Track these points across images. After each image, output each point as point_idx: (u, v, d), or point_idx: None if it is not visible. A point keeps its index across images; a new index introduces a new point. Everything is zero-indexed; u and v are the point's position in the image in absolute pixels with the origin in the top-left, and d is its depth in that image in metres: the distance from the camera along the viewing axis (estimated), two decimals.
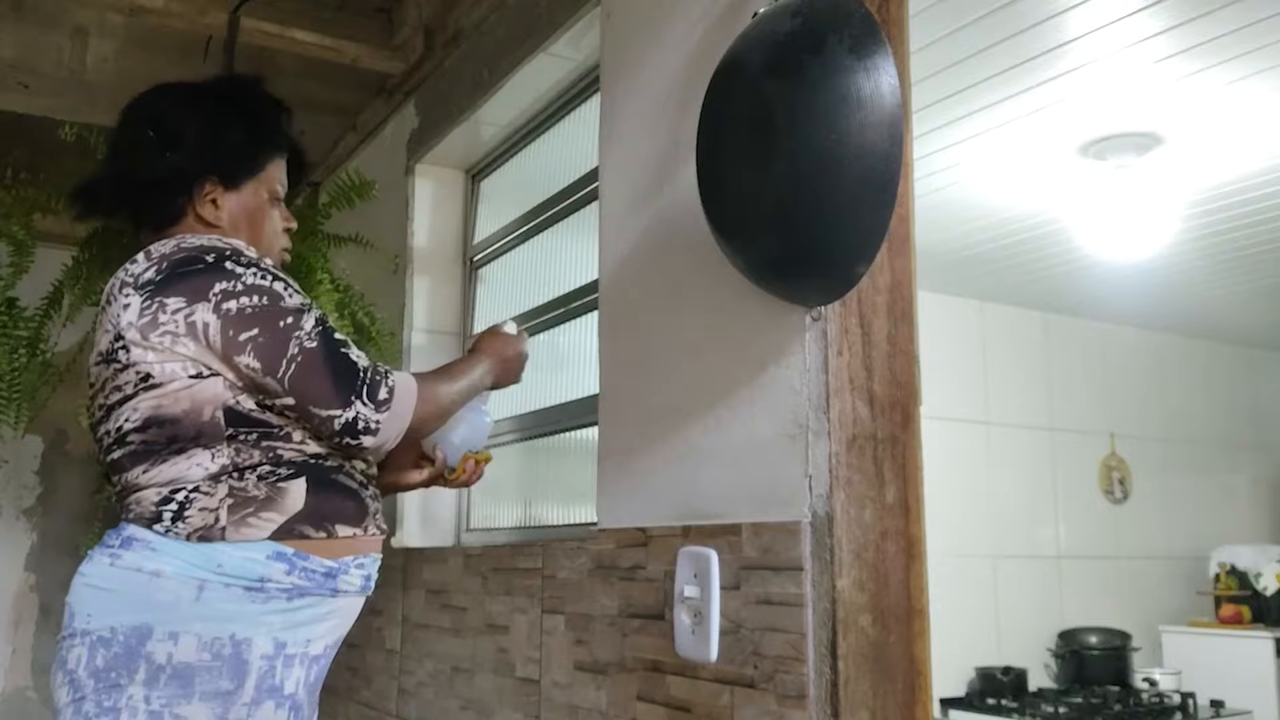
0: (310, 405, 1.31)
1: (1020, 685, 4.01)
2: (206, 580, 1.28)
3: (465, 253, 2.69)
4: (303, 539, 1.33)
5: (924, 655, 1.30)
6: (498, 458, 2.46)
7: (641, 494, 1.58)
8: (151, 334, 1.30)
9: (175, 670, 1.26)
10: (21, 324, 2.23)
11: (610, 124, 1.79)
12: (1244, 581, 4.49)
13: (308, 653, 1.35)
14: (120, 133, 1.49)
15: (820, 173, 1.15)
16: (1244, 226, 3.54)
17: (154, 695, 1.25)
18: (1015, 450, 4.42)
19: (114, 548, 1.31)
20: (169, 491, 1.31)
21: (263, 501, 1.32)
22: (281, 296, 1.33)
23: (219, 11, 2.52)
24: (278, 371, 1.30)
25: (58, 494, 3.44)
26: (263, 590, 1.30)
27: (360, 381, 1.32)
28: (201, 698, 1.26)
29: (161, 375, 1.30)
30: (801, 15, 1.20)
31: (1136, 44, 2.36)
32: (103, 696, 1.25)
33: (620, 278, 1.71)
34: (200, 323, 1.29)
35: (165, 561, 1.28)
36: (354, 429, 1.31)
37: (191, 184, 1.45)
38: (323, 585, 1.35)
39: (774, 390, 1.34)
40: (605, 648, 1.61)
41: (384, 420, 1.33)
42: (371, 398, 1.32)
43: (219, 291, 1.30)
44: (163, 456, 1.31)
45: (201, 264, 1.32)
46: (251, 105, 1.53)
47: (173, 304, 1.30)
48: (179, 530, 1.29)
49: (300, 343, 1.31)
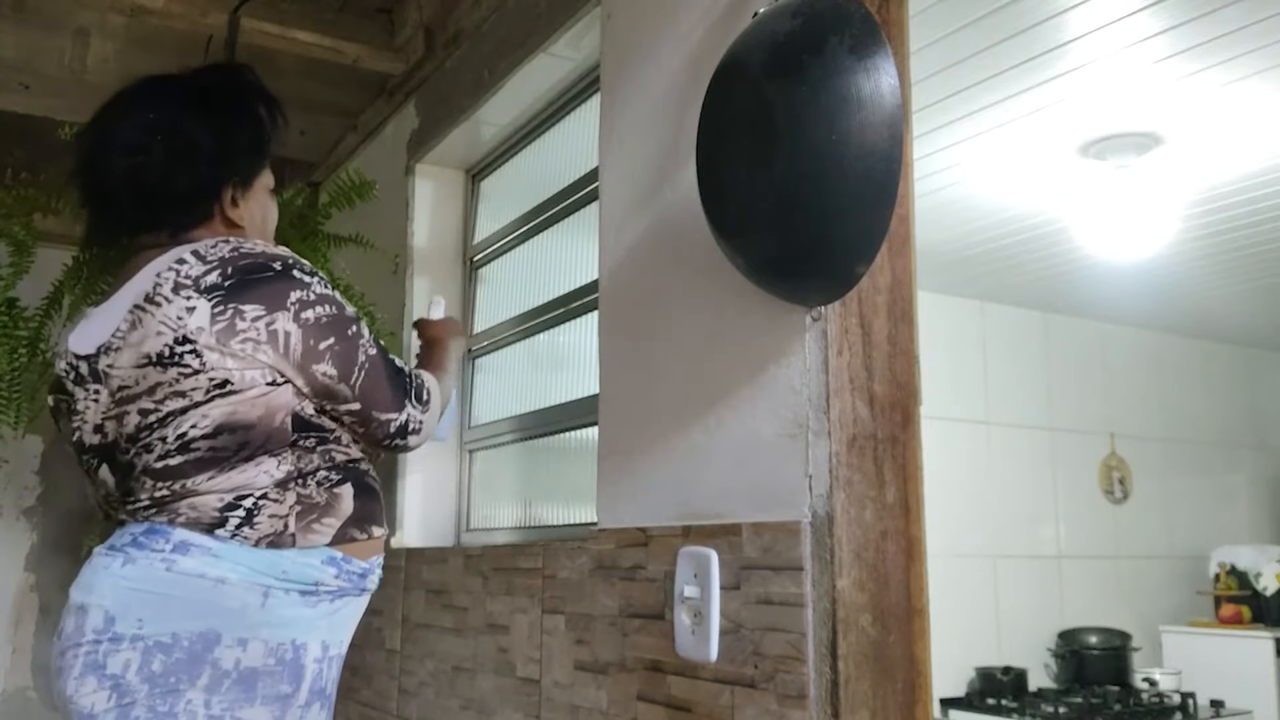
0: (374, 409, 1.39)
1: (1020, 685, 4.01)
2: (271, 587, 1.31)
3: (465, 253, 2.69)
4: (351, 542, 1.39)
5: (924, 655, 1.30)
6: (498, 458, 2.47)
7: (641, 494, 1.58)
8: (231, 340, 1.29)
9: (240, 675, 1.27)
10: (21, 324, 2.23)
11: (610, 124, 1.79)
12: (1244, 581, 4.49)
13: (341, 653, 1.41)
14: (132, 143, 1.42)
15: (820, 173, 1.15)
16: (1244, 226, 3.55)
17: (214, 700, 1.26)
18: (1015, 450, 4.42)
19: (164, 552, 1.29)
20: (234, 498, 1.31)
21: (324, 507, 1.36)
22: (344, 306, 1.40)
23: (219, 12, 2.52)
24: (351, 378, 1.36)
25: (58, 494, 3.44)
26: (315, 594, 1.35)
27: (410, 384, 1.43)
28: (263, 701, 1.29)
29: (241, 382, 1.30)
30: (802, 15, 1.20)
31: (1136, 44, 2.36)
32: (157, 702, 1.24)
33: (620, 278, 1.71)
34: (282, 331, 1.31)
35: (229, 568, 1.29)
36: (405, 430, 1.42)
37: (220, 190, 1.46)
38: (357, 585, 1.41)
39: (774, 390, 1.34)
40: (606, 648, 1.61)
41: (425, 420, 1.45)
42: (418, 399, 1.44)
43: (296, 300, 1.33)
44: (231, 464, 1.31)
45: (271, 272, 1.34)
46: (252, 101, 1.53)
47: (251, 311, 1.30)
48: (246, 536, 1.30)
49: (365, 351, 1.39)
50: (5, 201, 2.25)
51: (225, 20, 2.51)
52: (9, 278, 2.21)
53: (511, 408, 2.38)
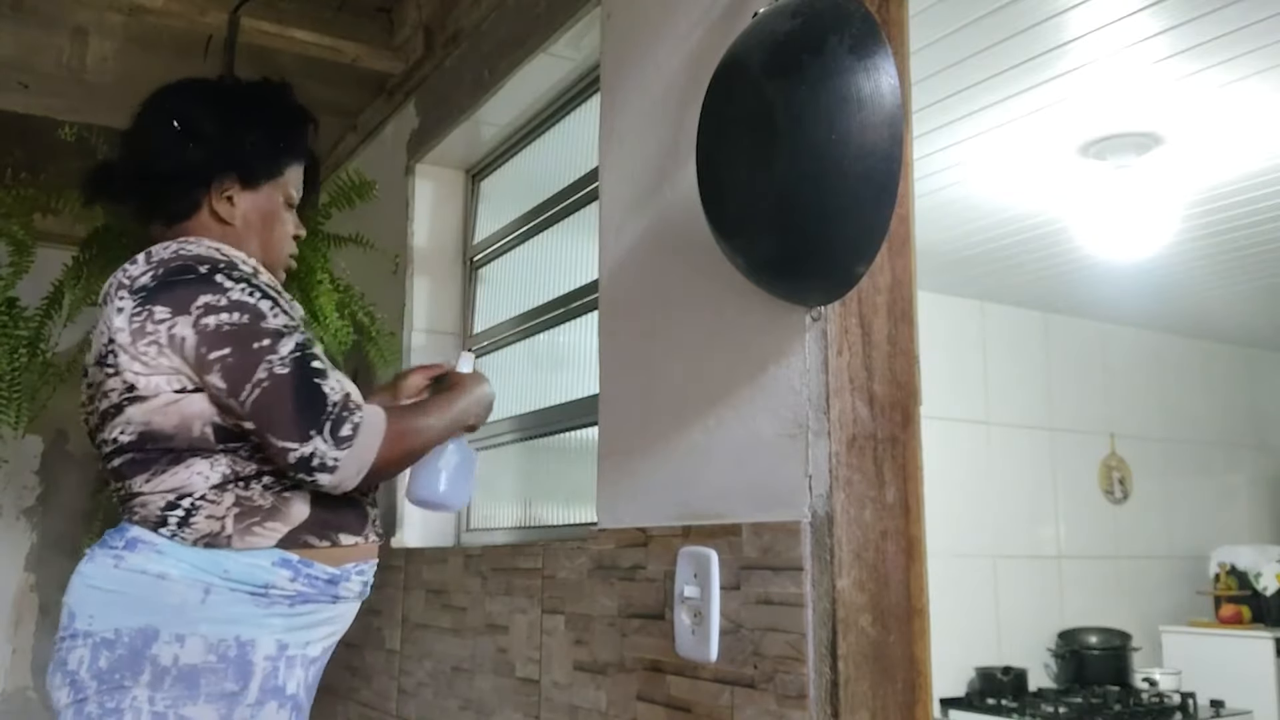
0: (268, 433, 1.25)
1: (1020, 685, 4.01)
2: (213, 584, 1.28)
3: (465, 253, 2.69)
4: (307, 548, 1.33)
5: (924, 655, 1.30)
6: (498, 458, 2.47)
7: (641, 494, 1.58)
8: (139, 343, 1.28)
9: (181, 672, 1.26)
10: (21, 324, 2.23)
11: (610, 124, 1.79)
12: (1244, 581, 4.49)
13: (307, 654, 1.36)
14: (142, 122, 1.46)
15: (820, 173, 1.15)
16: (1244, 226, 3.54)
17: (158, 696, 1.25)
18: (1015, 450, 4.41)
19: (118, 549, 1.30)
20: (174, 498, 1.30)
21: (268, 511, 1.32)
22: (264, 316, 1.28)
23: (219, 11, 2.52)
24: (240, 394, 1.25)
25: (58, 494, 3.44)
26: (266, 595, 1.31)
27: (325, 416, 1.24)
28: (207, 699, 1.26)
29: (146, 388, 1.29)
30: (801, 15, 1.20)
31: (1136, 44, 2.36)
32: (105, 698, 1.25)
33: (620, 278, 1.71)
34: (179, 336, 1.27)
35: (171, 565, 1.28)
36: (309, 465, 1.24)
37: (211, 178, 1.44)
38: (325, 592, 1.35)
39: (774, 390, 1.34)
40: (605, 648, 1.61)
41: (343, 459, 1.25)
42: (334, 434, 1.24)
43: (201, 305, 1.27)
44: (162, 466, 1.31)
45: (193, 274, 1.30)
46: (279, 110, 1.52)
47: (159, 313, 1.28)
48: (185, 535, 1.29)
49: (271, 368, 1.25)
50: (5, 201, 2.26)
51: (224, 19, 2.51)
52: (9, 278, 2.21)
53: (511, 408, 2.38)
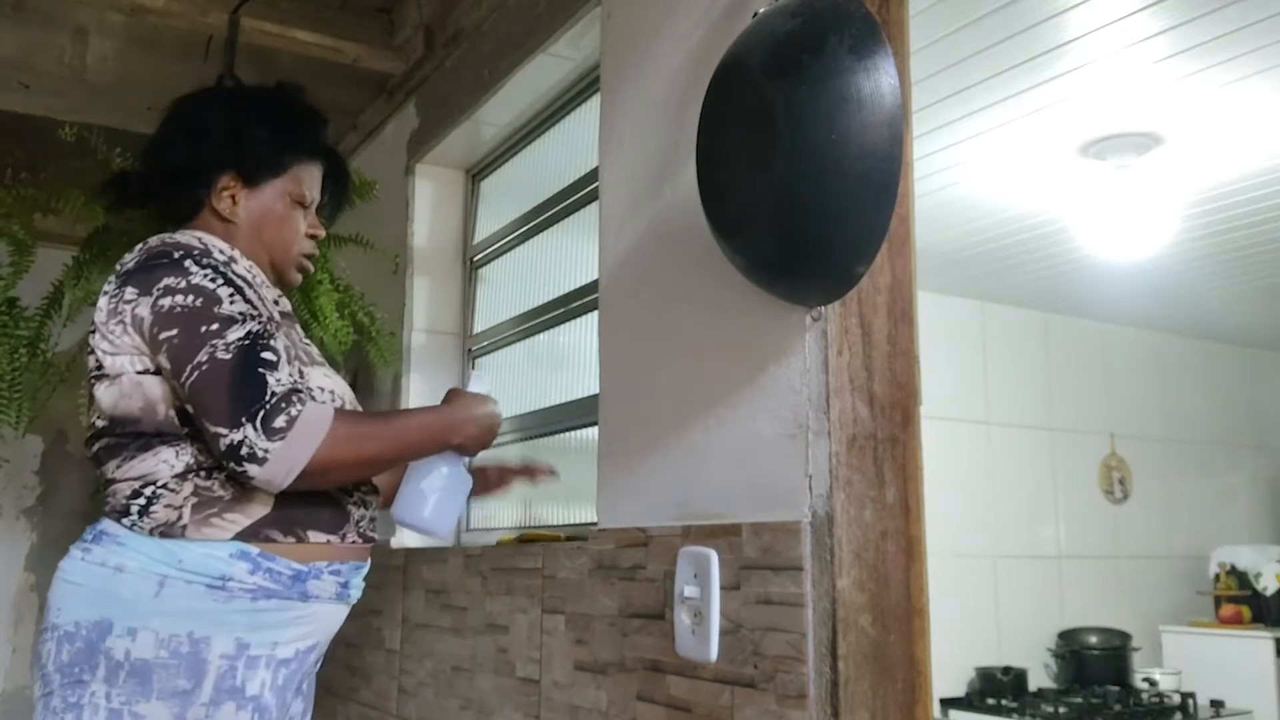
0: (203, 417, 1.24)
1: (1020, 685, 4.01)
2: (167, 576, 1.26)
3: (465, 253, 2.69)
4: (268, 542, 1.31)
5: (924, 655, 1.30)
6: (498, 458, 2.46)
7: (641, 494, 1.58)
8: (110, 322, 1.31)
9: (133, 667, 1.24)
10: (21, 324, 2.23)
11: (610, 124, 1.79)
12: (1244, 581, 4.49)
13: (274, 655, 1.31)
14: (158, 128, 1.51)
15: (820, 173, 1.15)
16: (1244, 226, 3.54)
17: (114, 693, 1.24)
18: (1015, 450, 4.41)
19: (87, 542, 1.32)
20: (139, 485, 1.31)
21: (228, 502, 1.30)
22: (219, 301, 1.27)
23: (219, 11, 2.52)
24: (181, 375, 1.25)
25: (58, 494, 3.44)
26: (224, 589, 1.28)
27: (260, 404, 1.21)
28: (159, 696, 1.24)
29: (111, 368, 1.31)
30: (802, 15, 1.20)
31: (1136, 44, 2.36)
32: (67, 692, 1.25)
33: (620, 278, 1.71)
34: (139, 316, 1.29)
35: (129, 556, 1.28)
36: (237, 453, 1.20)
37: (211, 177, 1.44)
38: (290, 588, 1.32)
39: (774, 390, 1.34)
40: (605, 648, 1.61)
41: (274, 451, 1.20)
42: (265, 424, 1.20)
43: (162, 287, 1.29)
44: (131, 452, 1.32)
45: (166, 259, 1.32)
46: (281, 107, 1.53)
47: (128, 294, 1.31)
48: (143, 525, 1.29)
49: (213, 352, 1.24)
50: (5, 201, 2.26)
51: (225, 19, 2.51)
52: (9, 278, 2.21)
53: (511, 408, 2.38)
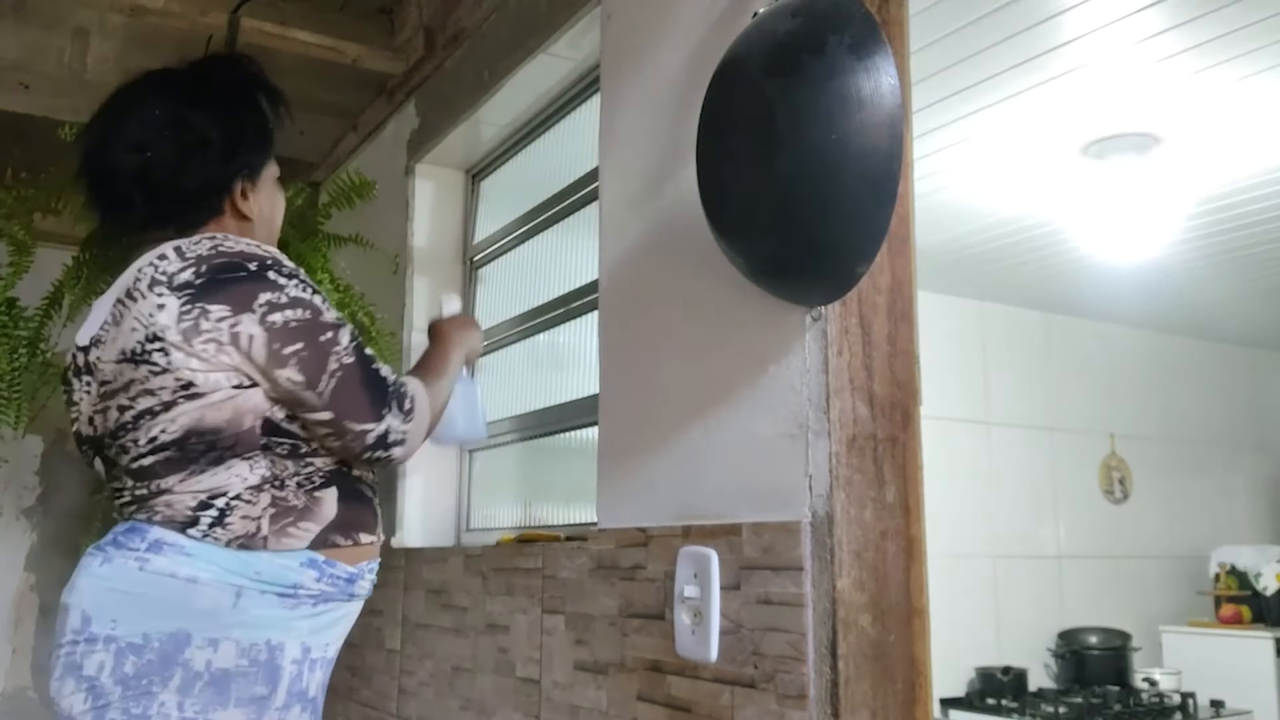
0: (346, 420, 1.33)
1: (1020, 685, 4.01)
2: (244, 587, 1.29)
3: (465, 253, 2.69)
4: (334, 547, 1.36)
5: (924, 655, 1.30)
6: (498, 458, 2.47)
7: (641, 494, 1.58)
8: (195, 340, 1.27)
9: (213, 677, 1.26)
10: (21, 324, 2.23)
11: (610, 124, 1.79)
12: (1244, 581, 4.49)
13: (326, 656, 1.38)
14: (140, 139, 1.41)
15: (820, 173, 1.15)
16: (1244, 226, 3.55)
17: (187, 702, 1.24)
18: (1015, 450, 4.42)
19: (139, 551, 1.28)
20: (207, 498, 1.30)
21: (301, 511, 1.34)
22: (321, 311, 1.35)
23: (219, 11, 2.52)
24: (318, 386, 1.31)
25: (58, 494, 3.44)
26: (294, 596, 1.32)
27: (390, 394, 1.36)
28: (237, 703, 1.26)
29: (205, 385, 1.29)
30: (802, 15, 1.20)
31: (1137, 43, 2.36)
32: (131, 704, 1.23)
33: (620, 278, 1.71)
34: (245, 334, 1.28)
35: (201, 567, 1.27)
36: (385, 442, 1.35)
37: (231, 184, 1.45)
38: (344, 590, 1.38)
39: (774, 390, 1.34)
40: (605, 648, 1.61)
41: (409, 430, 1.38)
42: (400, 408, 1.37)
43: (265, 303, 1.30)
44: (201, 467, 1.30)
45: (244, 272, 1.31)
46: (256, 93, 1.52)
47: (216, 311, 1.28)
48: (217, 536, 1.29)
49: (339, 358, 1.33)
50: (5, 201, 2.26)
51: (225, 20, 2.51)
52: (9, 278, 2.21)
53: (511, 408, 2.38)
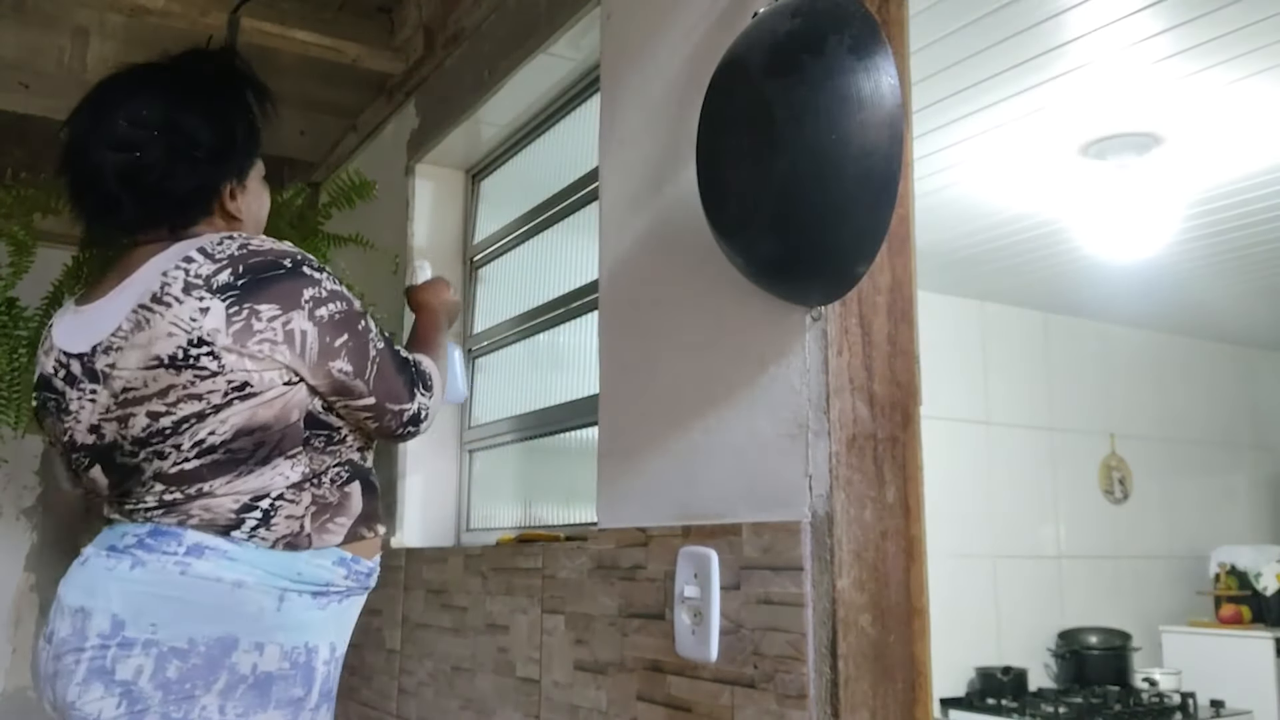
0: (388, 402, 1.39)
1: (1020, 685, 4.01)
2: (286, 589, 1.30)
3: (465, 253, 2.69)
4: (360, 540, 1.40)
5: (924, 655, 1.30)
6: (498, 458, 2.47)
7: (641, 494, 1.58)
8: (249, 341, 1.26)
9: (257, 680, 1.27)
10: (21, 324, 2.23)
11: (610, 124, 1.79)
12: (1244, 581, 4.50)
13: (343, 654, 1.42)
14: (127, 139, 1.37)
15: (820, 172, 1.15)
16: (1244, 226, 3.55)
17: (229, 705, 1.25)
18: (1015, 450, 4.42)
19: (177, 555, 1.27)
20: (250, 499, 1.30)
21: (336, 506, 1.37)
22: (353, 300, 1.39)
23: (219, 11, 2.52)
24: (365, 373, 1.36)
25: (58, 494, 3.43)
26: (326, 594, 1.35)
27: (414, 373, 1.44)
28: (277, 705, 1.28)
29: (260, 384, 1.28)
30: (802, 15, 1.20)
31: (1137, 44, 2.36)
32: (171, 708, 1.22)
33: (620, 278, 1.71)
34: (298, 330, 1.29)
35: (245, 571, 1.28)
36: (417, 418, 1.43)
37: (220, 185, 1.43)
38: (363, 583, 1.43)
39: (774, 390, 1.34)
40: (605, 647, 1.61)
41: (431, 405, 1.46)
42: (424, 386, 1.45)
43: (310, 299, 1.31)
44: (249, 467, 1.30)
45: (282, 269, 1.31)
46: (244, 90, 1.49)
47: (267, 311, 1.28)
48: (263, 537, 1.29)
49: (374, 345, 1.38)
50: (5, 201, 2.25)
51: (225, 19, 2.51)
52: (9, 278, 2.22)
53: (511, 408, 2.38)
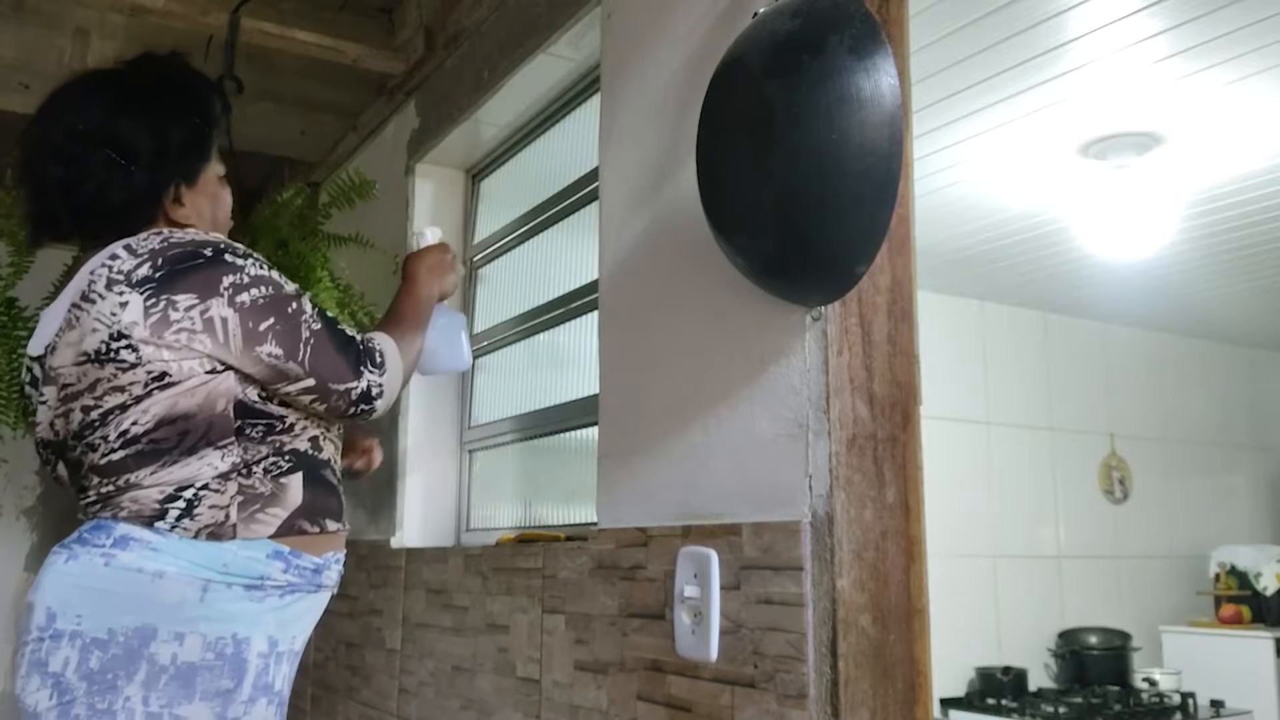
0: (330, 382, 1.36)
1: (1020, 685, 4.01)
2: (210, 580, 1.29)
3: (465, 253, 2.69)
4: (301, 534, 1.37)
5: (924, 655, 1.30)
6: (498, 458, 2.47)
7: (641, 494, 1.58)
8: (165, 332, 1.28)
9: (178, 671, 1.26)
10: (21, 324, 2.23)
11: (610, 124, 1.79)
12: (1244, 581, 4.50)
13: (293, 649, 1.39)
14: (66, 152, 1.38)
15: (820, 172, 1.15)
16: (1244, 226, 3.55)
17: (152, 696, 1.24)
18: (1015, 450, 4.42)
19: (104, 547, 1.28)
20: (174, 490, 1.30)
21: (268, 497, 1.34)
22: (282, 284, 1.36)
23: (220, 11, 2.52)
24: (298, 355, 1.34)
25: (58, 494, 3.44)
26: (261, 589, 1.32)
27: (360, 351, 1.40)
28: (202, 697, 1.26)
29: (179, 373, 1.29)
30: (802, 15, 1.21)
31: (1136, 44, 2.36)
32: (96, 699, 1.23)
33: (620, 278, 1.71)
34: (218, 318, 1.29)
35: (167, 562, 1.27)
36: (368, 396, 1.39)
37: (161, 194, 1.42)
38: (310, 581, 1.39)
39: (774, 390, 1.34)
40: (605, 647, 1.61)
41: (385, 382, 1.41)
42: (373, 362, 1.40)
43: (229, 285, 1.31)
44: (174, 458, 1.30)
45: (201, 259, 1.31)
46: (189, 94, 1.48)
47: (184, 300, 1.29)
48: (185, 528, 1.29)
49: (308, 325, 1.36)
50: (5, 201, 2.26)
51: (225, 19, 2.51)
52: (9, 278, 2.22)
53: (511, 408, 2.38)
